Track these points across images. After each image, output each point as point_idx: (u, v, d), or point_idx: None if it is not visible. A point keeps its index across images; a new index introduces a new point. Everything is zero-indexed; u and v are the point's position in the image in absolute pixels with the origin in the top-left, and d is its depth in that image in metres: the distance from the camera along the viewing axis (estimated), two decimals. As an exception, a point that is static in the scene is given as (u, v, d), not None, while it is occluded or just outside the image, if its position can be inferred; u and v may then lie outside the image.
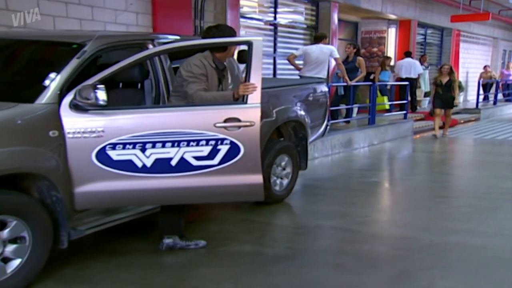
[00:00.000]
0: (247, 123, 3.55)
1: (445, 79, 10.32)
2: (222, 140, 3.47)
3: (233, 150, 3.51)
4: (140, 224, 4.36)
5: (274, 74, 10.92)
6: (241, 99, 3.62)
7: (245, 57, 3.80)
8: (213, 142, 3.45)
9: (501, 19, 20.02)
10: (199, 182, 3.46)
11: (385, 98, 11.79)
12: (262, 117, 4.77)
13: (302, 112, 5.64)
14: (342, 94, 9.71)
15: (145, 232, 4.32)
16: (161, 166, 3.39)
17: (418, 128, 11.99)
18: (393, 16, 14.56)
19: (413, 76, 12.95)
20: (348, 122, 9.96)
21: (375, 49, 15.36)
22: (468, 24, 18.43)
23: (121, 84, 4.34)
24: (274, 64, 10.84)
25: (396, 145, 9.90)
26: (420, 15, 15.51)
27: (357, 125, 10.09)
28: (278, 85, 5.48)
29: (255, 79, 3.57)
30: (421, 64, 15.01)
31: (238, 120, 3.52)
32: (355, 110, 10.96)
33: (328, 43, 10.47)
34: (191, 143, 3.41)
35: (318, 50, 8.81)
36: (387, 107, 11.73)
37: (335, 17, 11.85)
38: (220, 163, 3.49)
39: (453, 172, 7.31)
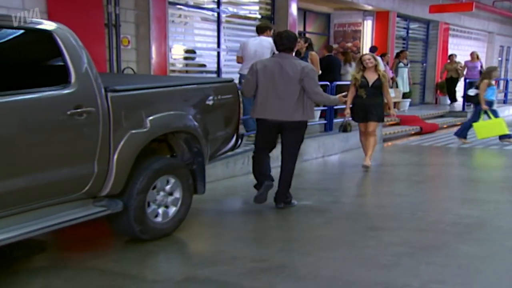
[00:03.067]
0: None
1: (371, 77, 7.20)
2: None
3: None
4: None
5: (218, 72, 9.96)
6: None
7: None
8: None
9: (496, 12, 19.12)
10: None
11: (503, 121, 9.35)
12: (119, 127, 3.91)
13: (195, 121, 4.66)
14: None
15: None
16: None
17: (391, 134, 11.07)
18: (368, 7, 13.73)
19: None
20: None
21: (349, 44, 14.60)
22: (458, 16, 17.58)
23: None
24: (218, 60, 9.86)
25: (356, 156, 8.92)
26: (400, 6, 14.64)
27: (312, 131, 9.13)
28: (157, 86, 4.47)
29: None
30: (400, 61, 14.15)
31: None
32: (317, 114, 10.01)
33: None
34: None
35: (257, 43, 7.89)
36: (507, 131, 9.53)
37: (294, 6, 11.00)
38: None
39: (406, 193, 6.35)
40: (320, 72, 9.14)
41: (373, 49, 12.72)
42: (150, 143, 4.70)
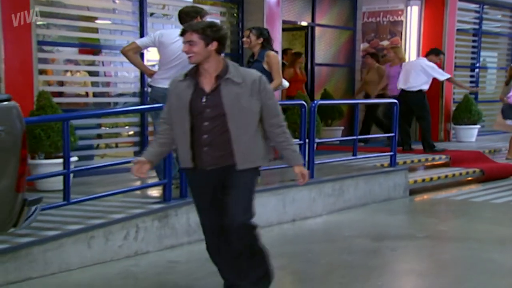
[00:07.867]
0: None
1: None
2: None
3: None
4: None
5: (142, 84, 8.82)
6: None
7: None
8: None
9: None
10: None
11: None
12: None
13: None
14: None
15: None
16: None
17: (427, 182, 9.56)
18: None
19: (410, 87, 10.81)
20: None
21: (385, 43, 13.83)
22: None
23: None
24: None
25: (353, 220, 7.57)
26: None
27: (280, 180, 7.72)
28: None
29: None
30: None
31: None
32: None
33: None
34: None
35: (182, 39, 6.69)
36: None
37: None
38: None
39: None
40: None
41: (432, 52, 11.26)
42: None
